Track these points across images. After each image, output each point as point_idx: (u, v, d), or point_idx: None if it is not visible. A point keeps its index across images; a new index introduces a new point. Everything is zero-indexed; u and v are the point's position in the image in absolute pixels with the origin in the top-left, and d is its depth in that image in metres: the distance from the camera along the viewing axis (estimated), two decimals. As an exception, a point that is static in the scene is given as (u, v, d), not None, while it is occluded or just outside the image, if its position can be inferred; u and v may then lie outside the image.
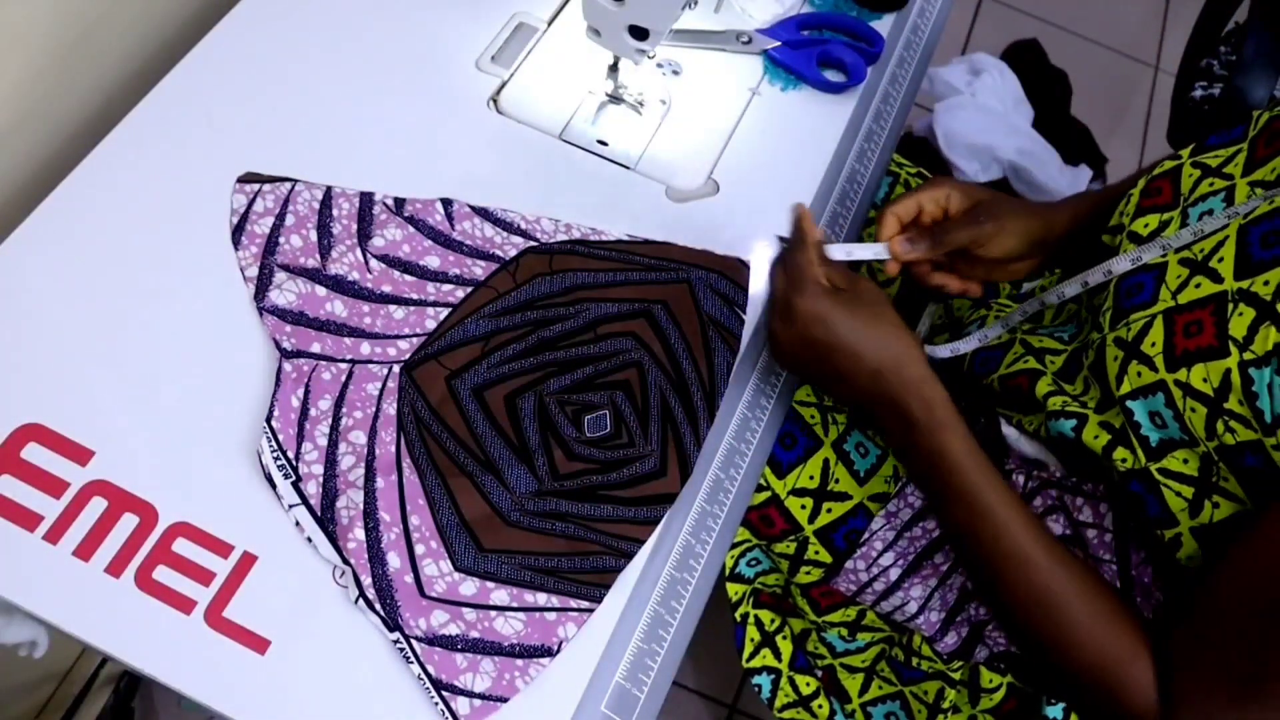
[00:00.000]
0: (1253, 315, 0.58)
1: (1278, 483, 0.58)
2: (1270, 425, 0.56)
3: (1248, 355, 0.57)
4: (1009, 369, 0.76)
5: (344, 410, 0.66)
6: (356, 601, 0.60)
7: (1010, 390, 0.75)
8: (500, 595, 0.62)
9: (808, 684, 0.88)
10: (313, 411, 0.65)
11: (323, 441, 0.65)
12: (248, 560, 0.61)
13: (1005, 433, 0.75)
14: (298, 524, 0.62)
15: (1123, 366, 0.64)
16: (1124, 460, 0.65)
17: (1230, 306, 0.59)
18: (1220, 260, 0.61)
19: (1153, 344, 0.62)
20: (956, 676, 0.79)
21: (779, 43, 0.90)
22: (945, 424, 0.66)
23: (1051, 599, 0.62)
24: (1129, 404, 0.63)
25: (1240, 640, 0.56)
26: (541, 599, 0.63)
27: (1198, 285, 0.61)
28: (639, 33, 0.75)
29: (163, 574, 0.60)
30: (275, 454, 0.63)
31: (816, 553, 0.80)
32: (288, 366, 0.66)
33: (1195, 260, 0.63)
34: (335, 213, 0.73)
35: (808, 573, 0.82)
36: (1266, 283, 0.58)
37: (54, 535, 0.60)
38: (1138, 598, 0.70)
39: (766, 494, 0.80)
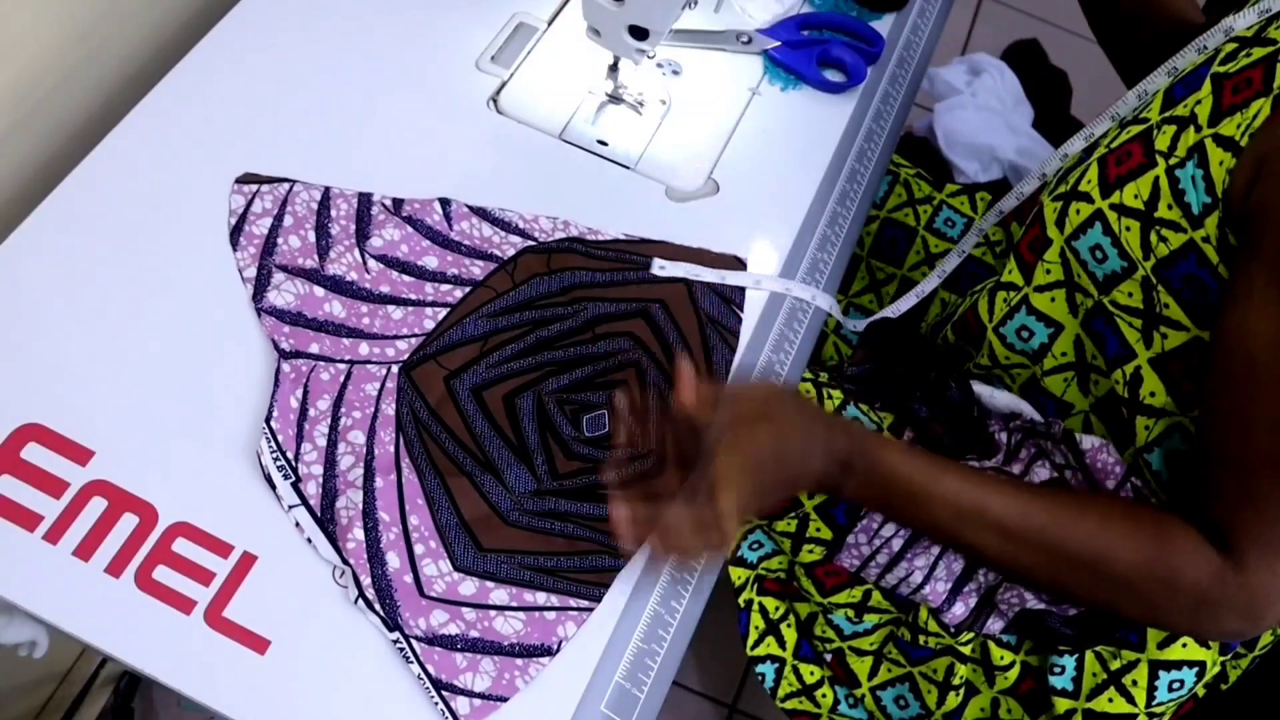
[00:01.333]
0: (1174, 130, 0.63)
1: (1214, 290, 0.60)
2: (1198, 217, 0.60)
3: (1172, 161, 0.62)
4: (959, 316, 0.79)
5: (343, 410, 0.66)
6: (356, 602, 0.60)
7: (962, 330, 0.78)
8: (500, 595, 0.62)
9: (811, 673, 0.87)
10: (311, 412, 0.65)
11: (322, 442, 0.65)
12: (248, 560, 0.61)
13: (978, 391, 0.75)
14: (297, 524, 0.62)
15: (1061, 213, 0.69)
16: (1083, 303, 0.69)
17: (1155, 131, 0.64)
18: (1149, 109, 0.67)
19: (1089, 181, 0.67)
20: (966, 651, 0.79)
21: (779, 43, 0.90)
22: (887, 443, 0.65)
23: (1070, 545, 0.62)
24: (1073, 244, 0.68)
25: (1270, 460, 0.57)
26: (541, 598, 0.63)
27: (1129, 132, 0.67)
28: (639, 33, 0.75)
29: (163, 574, 0.60)
30: (275, 454, 0.63)
31: (818, 529, 0.80)
32: (286, 367, 0.66)
33: (1128, 120, 0.69)
34: (333, 213, 0.73)
35: (810, 551, 0.82)
36: (1185, 105, 0.63)
37: (54, 535, 0.60)
38: None
39: None
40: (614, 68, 0.83)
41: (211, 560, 0.61)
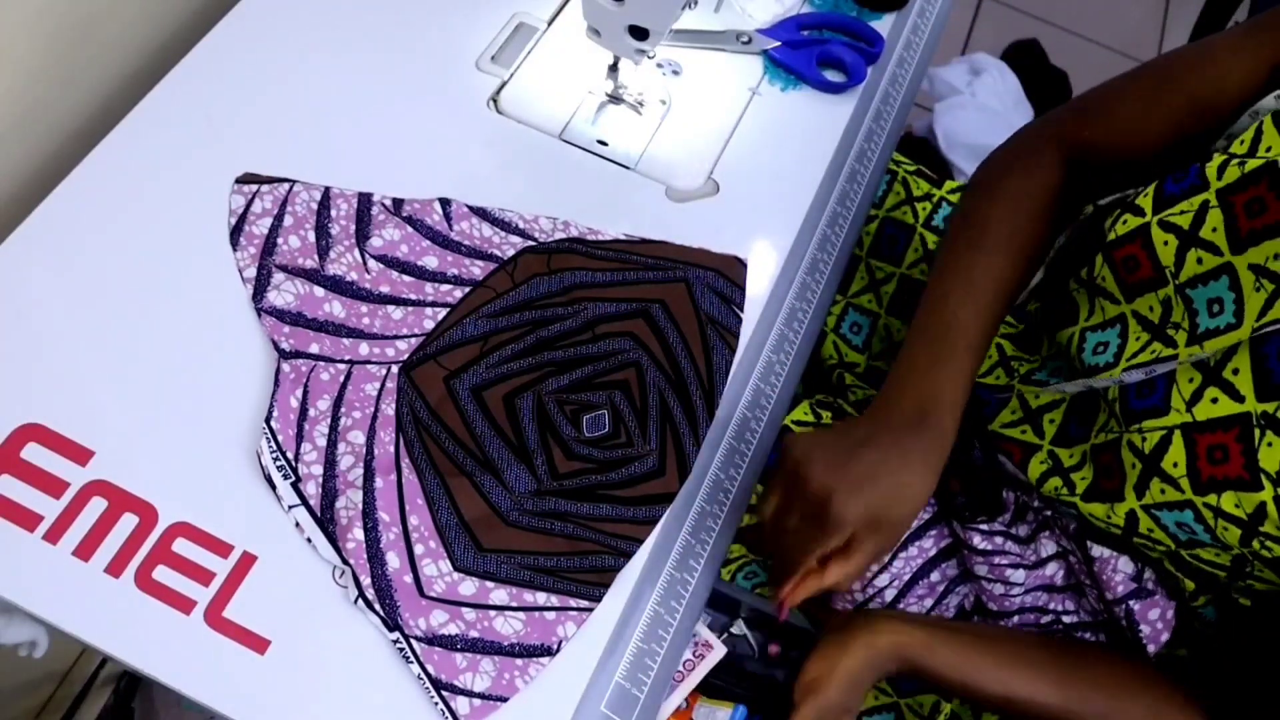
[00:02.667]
0: None
1: None
2: None
3: None
4: (1003, 428, 0.75)
5: (343, 410, 0.66)
6: (356, 602, 0.60)
7: (1004, 452, 0.75)
8: (500, 595, 0.62)
9: None
10: (311, 412, 0.65)
11: (322, 442, 0.65)
12: (248, 560, 0.61)
13: (1000, 458, 0.75)
14: (297, 524, 0.62)
15: (1143, 479, 0.62)
16: (1142, 547, 0.66)
17: (1257, 434, 0.57)
18: (1235, 372, 0.58)
19: (1174, 464, 0.60)
20: None
21: (779, 43, 0.90)
22: (927, 650, 0.67)
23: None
24: (1153, 513, 0.63)
25: None
26: (541, 598, 0.63)
27: (1214, 400, 0.59)
28: (639, 33, 0.75)
29: (163, 574, 0.60)
30: (274, 454, 0.63)
31: None
32: (286, 367, 0.66)
33: (1207, 366, 0.60)
34: (333, 213, 0.73)
35: None
36: None
37: (54, 535, 0.60)
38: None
39: None
40: (614, 68, 0.83)
41: (211, 560, 0.61)
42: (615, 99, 0.85)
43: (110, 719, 1.15)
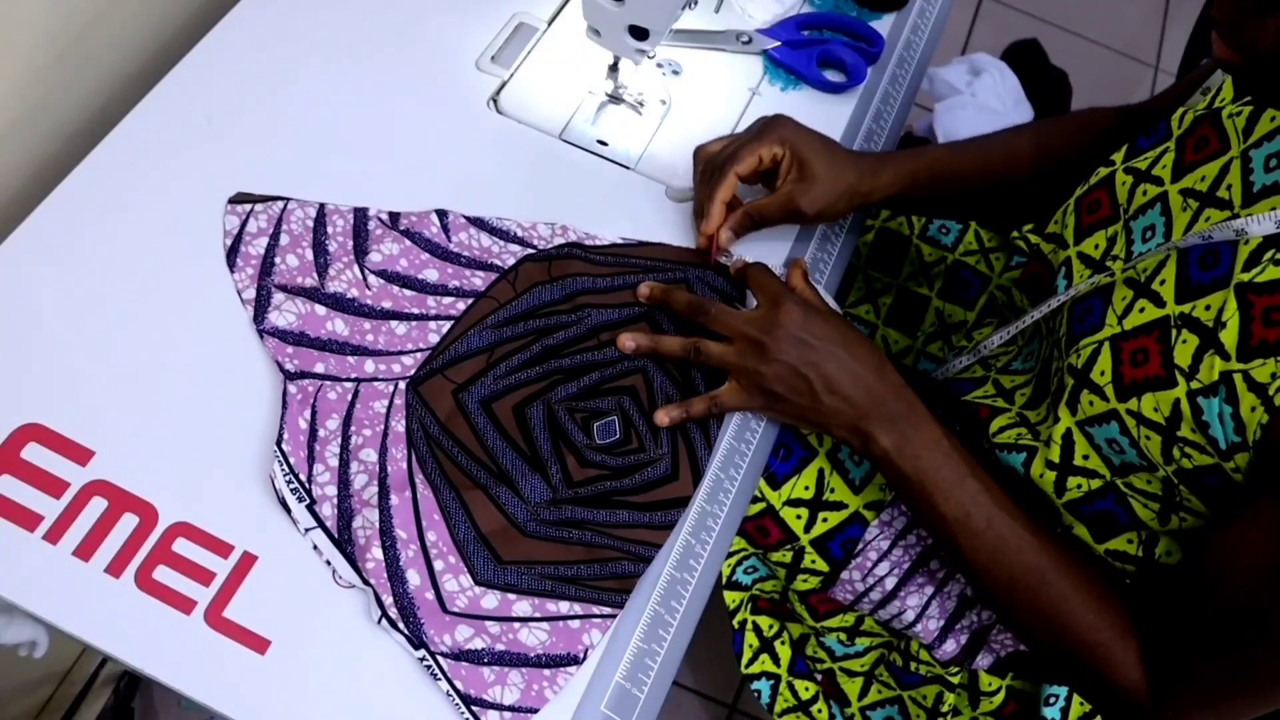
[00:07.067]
0: (1196, 343, 0.57)
1: (1240, 498, 0.58)
2: (1226, 451, 0.56)
3: (1194, 384, 0.56)
4: (974, 399, 0.76)
5: (352, 429, 0.65)
6: (379, 621, 0.60)
7: (968, 414, 0.75)
8: (522, 606, 0.62)
9: (806, 689, 0.88)
10: (321, 432, 0.65)
11: (334, 462, 0.64)
12: (248, 560, 0.61)
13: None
14: (315, 547, 0.62)
15: (1074, 394, 0.64)
16: (1079, 486, 0.66)
17: (1174, 333, 0.58)
18: (1162, 283, 0.60)
19: (1101, 373, 0.62)
20: (955, 681, 0.79)
21: (779, 43, 0.90)
22: (928, 447, 0.66)
23: (1041, 577, 0.63)
24: (1087, 430, 0.64)
25: (1227, 629, 0.57)
26: (564, 607, 0.62)
27: (1141, 309, 0.61)
28: (639, 33, 0.75)
29: (163, 574, 0.60)
30: (288, 477, 0.62)
31: (813, 561, 0.80)
32: (293, 388, 0.66)
33: (1138, 281, 0.62)
34: (330, 230, 0.73)
35: (805, 580, 0.82)
36: (1208, 307, 0.57)
37: (54, 535, 0.60)
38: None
39: (761, 505, 0.80)
40: (614, 68, 0.83)
41: (211, 560, 0.61)
42: (615, 99, 0.85)
43: (110, 719, 1.15)
